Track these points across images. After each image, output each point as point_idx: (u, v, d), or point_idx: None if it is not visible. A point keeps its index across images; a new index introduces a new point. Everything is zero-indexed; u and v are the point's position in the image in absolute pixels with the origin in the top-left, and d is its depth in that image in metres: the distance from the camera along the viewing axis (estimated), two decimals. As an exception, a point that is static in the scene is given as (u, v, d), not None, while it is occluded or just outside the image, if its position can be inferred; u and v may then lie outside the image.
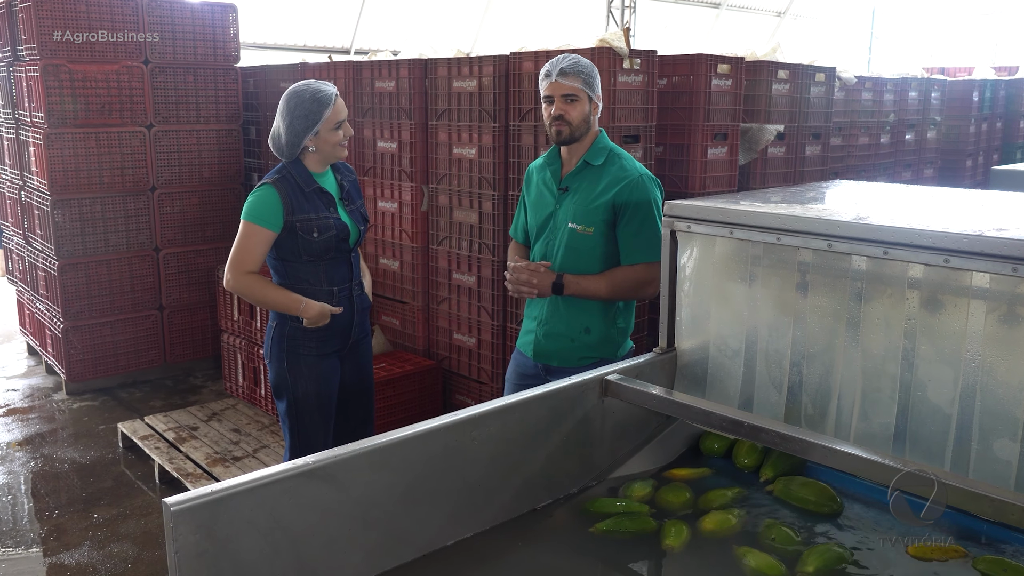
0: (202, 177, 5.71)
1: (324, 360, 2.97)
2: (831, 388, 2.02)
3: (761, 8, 19.78)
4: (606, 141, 2.77)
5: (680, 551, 1.77)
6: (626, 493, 2.00)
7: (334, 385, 3.03)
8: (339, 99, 2.87)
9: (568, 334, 2.74)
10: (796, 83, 4.71)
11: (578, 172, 2.73)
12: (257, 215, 2.82)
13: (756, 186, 4.57)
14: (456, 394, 4.53)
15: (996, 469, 1.75)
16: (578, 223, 2.68)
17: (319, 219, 2.86)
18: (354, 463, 1.61)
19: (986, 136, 8.58)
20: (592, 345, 2.73)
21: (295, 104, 2.82)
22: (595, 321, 2.72)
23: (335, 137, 2.87)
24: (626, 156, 2.76)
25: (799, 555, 1.71)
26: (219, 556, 1.43)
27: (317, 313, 2.84)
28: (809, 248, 1.97)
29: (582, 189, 2.71)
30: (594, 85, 2.68)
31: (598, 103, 2.71)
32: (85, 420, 5.07)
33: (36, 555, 3.62)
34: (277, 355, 2.96)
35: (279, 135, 2.87)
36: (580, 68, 2.65)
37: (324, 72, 5.12)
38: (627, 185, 2.65)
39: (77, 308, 5.30)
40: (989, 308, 1.72)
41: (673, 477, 2.08)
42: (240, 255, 2.83)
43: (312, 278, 2.90)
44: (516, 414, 1.88)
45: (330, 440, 3.01)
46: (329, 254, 2.89)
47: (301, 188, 2.86)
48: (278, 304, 2.88)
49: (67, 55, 5.06)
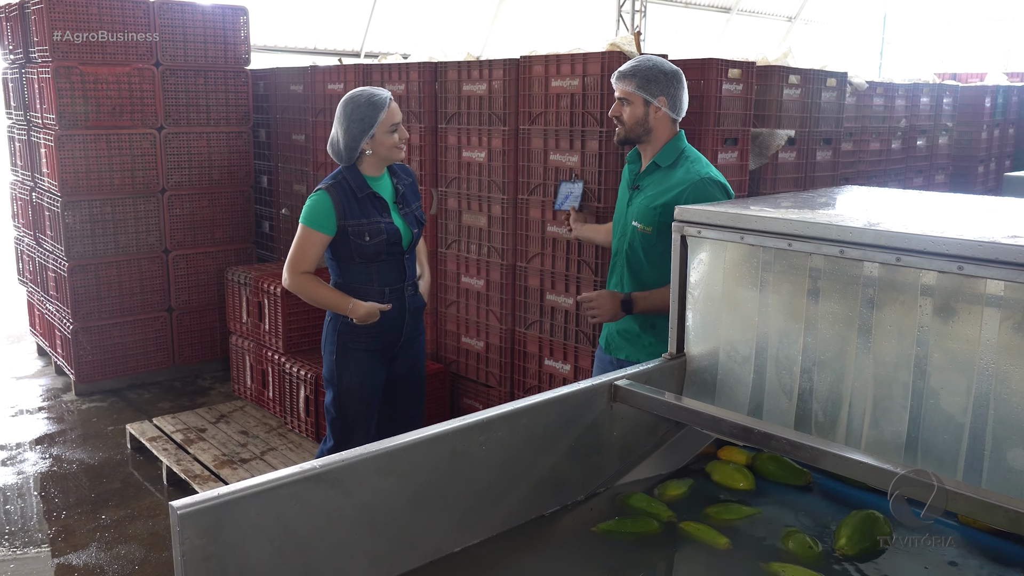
0: (212, 179, 5.72)
1: (372, 356, 3.12)
2: (842, 395, 2.01)
3: (772, 13, 19.75)
4: (681, 143, 2.78)
5: (701, 560, 1.76)
6: (661, 492, 2.00)
7: (380, 381, 3.17)
8: (393, 103, 3.00)
9: (636, 329, 2.85)
10: (807, 88, 4.69)
11: (649, 172, 2.79)
12: (312, 219, 2.98)
13: (766, 191, 4.55)
14: (464, 398, 4.52)
15: (1009, 479, 1.73)
16: (640, 221, 2.74)
17: (370, 224, 2.99)
18: (361, 468, 1.60)
19: (998, 142, 8.53)
20: (659, 341, 2.79)
21: (351, 109, 2.95)
22: (660, 318, 2.76)
23: (391, 140, 2.99)
24: (698, 159, 2.77)
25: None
26: (225, 560, 1.43)
27: (365, 312, 2.99)
28: (821, 254, 1.95)
29: (649, 188, 2.76)
30: (654, 88, 2.68)
31: (660, 106, 2.71)
32: (94, 421, 5.08)
33: (44, 555, 3.63)
34: (329, 348, 3.13)
35: (337, 140, 3.00)
36: (637, 71, 2.69)
37: (334, 75, 5.13)
38: (687, 188, 2.65)
39: (87, 309, 5.32)
40: (1003, 316, 1.70)
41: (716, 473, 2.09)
42: (296, 256, 3.01)
43: (364, 278, 3.05)
44: (524, 419, 1.87)
45: (371, 435, 3.11)
46: (381, 257, 3.03)
47: (354, 193, 2.99)
48: (328, 303, 3.05)
49: (78, 57, 5.09)
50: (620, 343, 2.90)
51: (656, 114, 2.71)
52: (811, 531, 1.85)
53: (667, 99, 2.71)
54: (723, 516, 1.90)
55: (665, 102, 2.70)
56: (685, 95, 2.77)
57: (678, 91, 2.73)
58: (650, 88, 2.68)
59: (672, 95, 2.71)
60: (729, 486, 2.04)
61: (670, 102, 2.72)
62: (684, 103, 2.77)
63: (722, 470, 2.07)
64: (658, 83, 2.69)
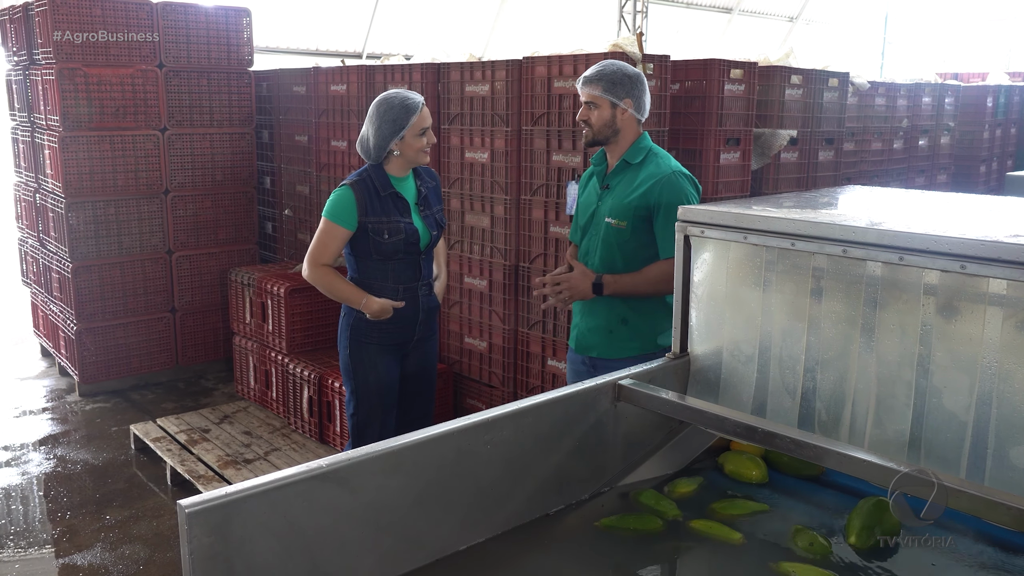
0: (215, 180, 5.74)
1: (385, 352, 3.17)
2: (845, 394, 2.01)
3: (773, 13, 19.75)
4: (646, 142, 2.86)
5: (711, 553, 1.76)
6: (671, 490, 2.01)
7: (394, 377, 3.21)
8: (425, 108, 3.06)
9: (607, 326, 2.86)
10: (809, 88, 4.69)
11: (619, 171, 2.85)
12: (334, 213, 3.04)
13: (769, 191, 4.55)
14: (467, 398, 4.53)
15: (1013, 477, 1.74)
16: (613, 217, 2.80)
17: (390, 222, 3.05)
18: (367, 466, 1.60)
19: (1000, 142, 8.53)
20: (630, 336, 2.83)
21: (385, 110, 3.01)
22: (632, 312, 2.82)
23: (419, 143, 3.05)
24: (663, 155, 2.85)
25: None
26: (233, 558, 1.43)
27: (378, 308, 3.04)
28: (824, 254, 1.96)
29: (620, 186, 2.83)
30: (619, 90, 2.76)
31: (626, 107, 2.78)
32: (98, 422, 5.09)
33: (49, 555, 3.64)
34: (343, 343, 3.19)
35: (367, 139, 3.06)
36: (602, 75, 2.76)
37: (337, 76, 5.14)
38: (659, 182, 2.74)
39: (90, 310, 5.33)
40: (1006, 315, 1.71)
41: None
42: (316, 249, 3.08)
43: (380, 275, 3.11)
44: (529, 418, 1.88)
45: (387, 431, 3.14)
46: (398, 255, 3.08)
47: (377, 191, 3.05)
48: (343, 297, 3.11)
49: (82, 59, 5.10)
50: (592, 341, 2.92)
51: (623, 116, 2.79)
52: (821, 525, 1.86)
53: (632, 101, 2.79)
54: (728, 512, 1.91)
55: (631, 104, 2.79)
56: (648, 97, 2.85)
57: (642, 93, 2.81)
58: (616, 91, 2.76)
59: (636, 97, 2.80)
60: (743, 475, 2.06)
61: (635, 104, 2.80)
62: (647, 104, 2.85)
63: (735, 460, 2.10)
64: (623, 86, 2.77)
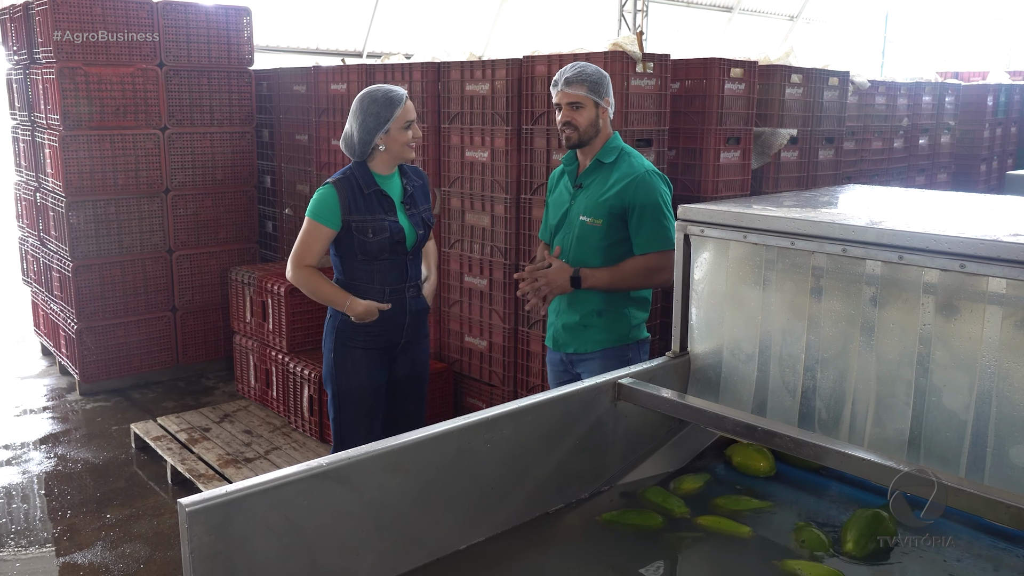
0: (215, 179, 5.74)
1: (371, 356, 3.08)
2: (845, 393, 2.02)
3: (773, 12, 19.74)
4: (618, 142, 2.91)
5: (711, 554, 1.77)
6: (676, 486, 2.02)
7: (380, 382, 3.12)
8: (409, 101, 3.02)
9: (582, 321, 2.88)
10: (809, 87, 4.69)
11: (592, 170, 2.88)
12: (317, 212, 2.97)
13: (769, 190, 4.55)
14: (467, 397, 4.53)
15: (1012, 475, 1.74)
16: (588, 216, 2.83)
17: (374, 221, 2.98)
18: (367, 465, 1.61)
19: (1000, 141, 8.53)
20: (605, 327, 2.86)
21: (368, 103, 2.97)
22: (605, 304, 2.86)
23: (404, 137, 3.00)
24: (635, 154, 2.90)
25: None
26: (233, 557, 1.44)
27: (363, 310, 2.96)
28: (823, 253, 1.96)
29: (594, 185, 2.86)
30: (600, 90, 2.81)
31: (606, 107, 2.84)
32: (98, 421, 5.09)
33: (49, 554, 3.64)
34: (328, 346, 3.11)
35: (351, 135, 3.01)
36: (585, 76, 2.79)
37: (337, 75, 5.14)
38: (633, 181, 2.78)
39: (91, 309, 5.33)
40: (1005, 314, 1.71)
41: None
42: (300, 249, 2.99)
43: (366, 276, 3.03)
44: (530, 417, 1.88)
45: (372, 435, 3.04)
46: (383, 255, 3.01)
47: (361, 189, 2.99)
48: (327, 299, 3.03)
49: (83, 58, 5.10)
50: (567, 338, 2.93)
51: (604, 115, 2.84)
52: (823, 521, 1.87)
53: (610, 100, 2.84)
54: (730, 507, 1.91)
55: (610, 103, 2.84)
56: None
57: (611, 93, 2.87)
58: (598, 91, 2.80)
59: (611, 96, 2.85)
60: (751, 468, 2.07)
61: (611, 103, 2.85)
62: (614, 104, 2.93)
63: (744, 452, 2.11)
64: (602, 86, 2.81)
